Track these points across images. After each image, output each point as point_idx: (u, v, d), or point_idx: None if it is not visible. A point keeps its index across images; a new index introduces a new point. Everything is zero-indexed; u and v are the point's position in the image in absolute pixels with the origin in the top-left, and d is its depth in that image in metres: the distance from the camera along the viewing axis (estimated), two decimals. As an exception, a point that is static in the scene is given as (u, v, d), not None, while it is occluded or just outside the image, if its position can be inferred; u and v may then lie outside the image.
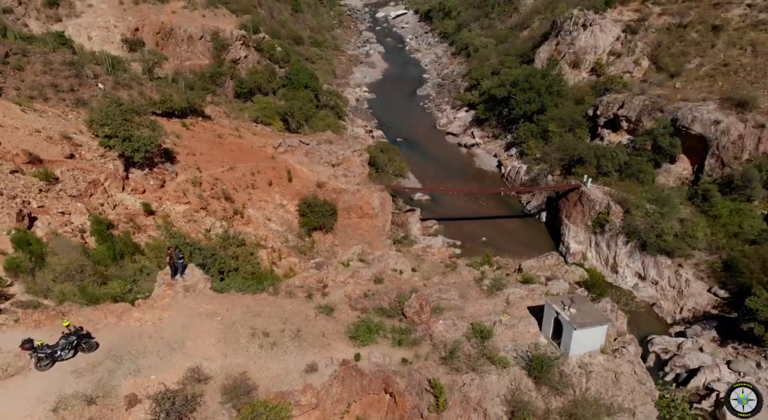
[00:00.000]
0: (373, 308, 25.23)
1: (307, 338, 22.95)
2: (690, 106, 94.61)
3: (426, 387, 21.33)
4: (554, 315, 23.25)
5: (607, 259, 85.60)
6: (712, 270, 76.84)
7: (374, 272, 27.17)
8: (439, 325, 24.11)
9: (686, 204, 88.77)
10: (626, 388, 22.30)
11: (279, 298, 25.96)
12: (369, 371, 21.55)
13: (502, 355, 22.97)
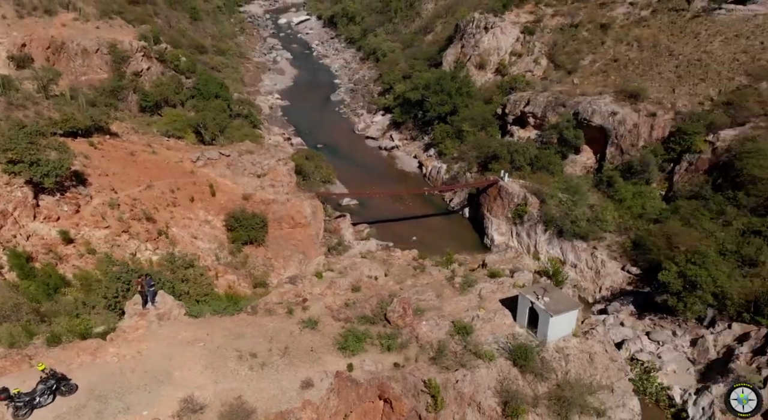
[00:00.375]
0: (356, 317, 25.38)
1: (296, 354, 22.63)
2: (589, 99, 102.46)
3: (422, 388, 21.92)
4: (529, 305, 24.72)
5: (528, 247, 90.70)
6: (623, 250, 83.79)
7: (351, 281, 27.24)
8: (423, 327, 24.77)
9: (593, 191, 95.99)
10: (601, 367, 24.24)
11: (259, 317, 25.27)
12: (363, 380, 21.73)
13: (486, 349, 24.09)
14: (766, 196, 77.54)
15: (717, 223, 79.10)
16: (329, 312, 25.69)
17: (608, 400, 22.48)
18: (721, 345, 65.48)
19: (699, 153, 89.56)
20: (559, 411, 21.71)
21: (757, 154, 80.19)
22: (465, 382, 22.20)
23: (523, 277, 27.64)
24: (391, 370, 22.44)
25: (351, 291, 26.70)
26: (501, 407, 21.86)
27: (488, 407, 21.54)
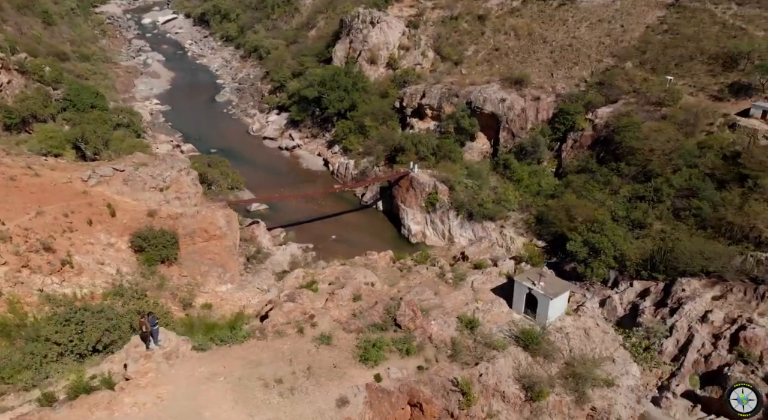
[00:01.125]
0: (367, 326, 25.25)
1: (321, 373, 22.08)
2: (479, 88, 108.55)
3: (450, 387, 22.58)
4: (526, 291, 26.29)
5: (443, 233, 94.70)
6: (527, 226, 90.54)
7: (351, 291, 26.90)
8: (433, 326, 25.35)
9: (492, 174, 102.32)
10: (598, 340, 26.60)
11: (270, 340, 24.07)
12: (394, 388, 21.86)
13: (497, 339, 25.32)
14: (643, 165, 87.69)
15: (605, 192, 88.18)
16: (339, 325, 25.37)
17: (613, 370, 24.88)
18: (627, 302, 73.47)
19: (581, 131, 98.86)
20: (574, 387, 23.58)
21: (632, 127, 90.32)
22: (488, 375, 23.33)
23: (507, 265, 29.32)
24: (416, 374, 22.86)
25: (353, 300, 26.49)
26: (523, 392, 23.26)
27: (512, 395, 22.85)
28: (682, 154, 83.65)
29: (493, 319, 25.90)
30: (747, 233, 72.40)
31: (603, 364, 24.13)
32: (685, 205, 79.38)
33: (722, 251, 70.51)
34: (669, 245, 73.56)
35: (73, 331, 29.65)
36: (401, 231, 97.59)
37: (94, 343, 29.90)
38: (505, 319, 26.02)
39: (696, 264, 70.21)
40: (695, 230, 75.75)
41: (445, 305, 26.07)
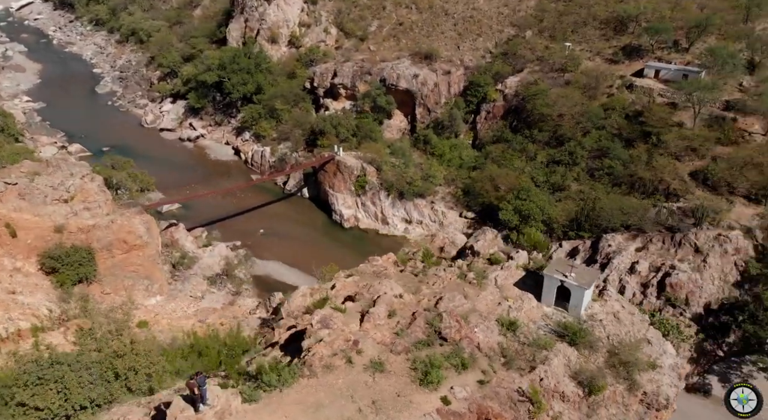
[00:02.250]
0: (413, 344, 23.80)
1: (387, 405, 20.52)
2: (390, 65, 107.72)
3: (517, 398, 22.09)
4: (557, 284, 26.33)
5: (375, 215, 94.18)
6: (456, 199, 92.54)
7: (386, 307, 24.97)
8: (478, 334, 24.49)
9: (413, 150, 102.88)
10: (628, 323, 27.36)
11: (321, 377, 21.68)
12: (464, 409, 20.91)
13: (542, 338, 25.12)
14: (554, 130, 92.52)
15: (524, 160, 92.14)
16: (385, 347, 23.68)
17: (652, 352, 25.84)
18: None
19: (493, 102, 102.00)
20: (625, 375, 24.20)
21: (540, 95, 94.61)
22: (548, 378, 23.22)
23: (522, 257, 29.15)
24: (480, 390, 22.12)
25: (389, 317, 24.81)
26: (581, 389, 23.42)
27: (571, 393, 22.96)
28: (590, 118, 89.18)
29: (527, 316, 25.86)
30: (657, 186, 79.31)
31: (641, 346, 25.18)
32: (598, 165, 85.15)
33: (638, 205, 76.72)
34: (591, 205, 78.65)
35: (53, 392, 25.20)
36: (332, 217, 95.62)
37: (82, 403, 25.86)
38: (537, 314, 26.11)
39: (617, 220, 75.82)
40: (610, 188, 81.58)
41: (478, 308, 25.50)
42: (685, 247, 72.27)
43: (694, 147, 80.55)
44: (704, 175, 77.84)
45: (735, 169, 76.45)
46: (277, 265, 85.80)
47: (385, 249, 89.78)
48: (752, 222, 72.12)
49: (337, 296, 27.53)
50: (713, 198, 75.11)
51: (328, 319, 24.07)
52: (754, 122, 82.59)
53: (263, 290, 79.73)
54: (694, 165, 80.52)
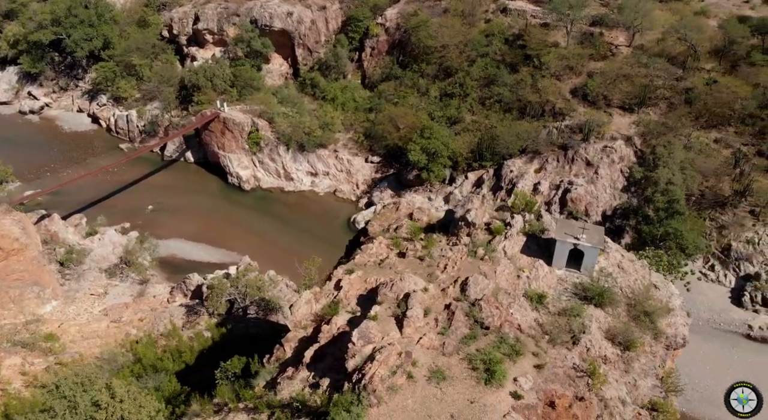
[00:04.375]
0: (460, 341, 22.33)
1: (467, 415, 19.17)
2: (260, 3, 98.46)
3: (575, 374, 22.00)
4: (570, 247, 26.21)
5: (277, 171, 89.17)
6: (359, 144, 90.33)
7: (421, 307, 22.72)
8: (516, 316, 23.70)
9: (302, 96, 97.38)
10: (631, 271, 28.17)
11: (390, 401, 19.30)
12: (535, 400, 20.35)
13: (571, 305, 25.06)
14: (440, 62, 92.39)
15: (417, 96, 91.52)
16: (436, 352, 22.00)
17: (662, 296, 27.17)
18: (467, 193, 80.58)
19: (376, 36, 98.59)
20: (649, 325, 25.28)
21: (423, 26, 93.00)
22: (594, 347, 23.54)
23: (518, 221, 28.41)
24: (539, 375, 21.70)
25: (423, 317, 22.97)
26: (619, 348, 24.16)
27: (611, 355, 23.57)
28: (473, 46, 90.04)
29: (546, 284, 25.80)
30: (544, 108, 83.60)
31: (651, 290, 26.49)
32: (487, 94, 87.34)
33: (530, 129, 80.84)
34: (489, 134, 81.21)
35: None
36: (229, 180, 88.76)
37: None
38: (553, 279, 26.15)
39: (514, 146, 79.50)
40: (503, 115, 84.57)
41: (501, 286, 24.85)
42: (578, 162, 78.27)
43: (572, 65, 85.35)
44: (583, 92, 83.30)
45: (609, 83, 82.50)
46: (181, 243, 78.86)
47: (294, 206, 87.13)
48: (630, 130, 79.43)
49: (347, 298, 25.28)
50: (594, 112, 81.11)
51: (367, 332, 21.97)
52: (618, 35, 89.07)
53: (172, 273, 73.39)
54: (573, 82, 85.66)
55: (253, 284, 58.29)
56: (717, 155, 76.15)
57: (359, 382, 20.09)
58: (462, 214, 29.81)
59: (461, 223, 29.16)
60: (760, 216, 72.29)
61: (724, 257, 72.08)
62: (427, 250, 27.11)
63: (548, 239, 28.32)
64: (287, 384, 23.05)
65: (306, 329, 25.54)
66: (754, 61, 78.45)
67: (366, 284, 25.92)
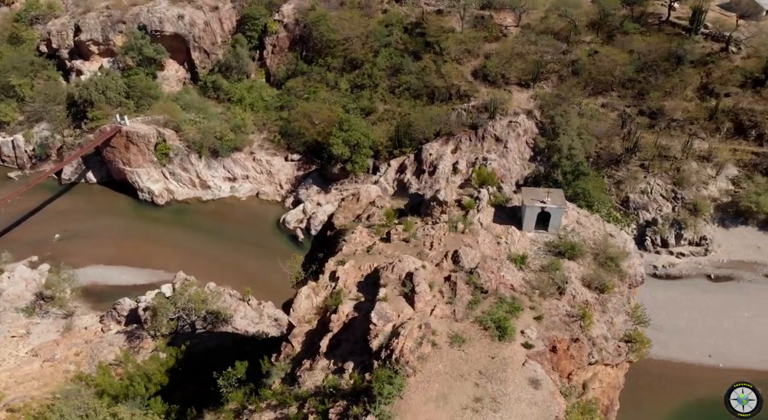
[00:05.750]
0: (467, 306, 23.60)
1: (493, 370, 20.36)
2: (146, 8, 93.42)
3: (568, 320, 24.28)
4: (538, 210, 28.40)
5: (192, 181, 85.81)
6: (276, 143, 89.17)
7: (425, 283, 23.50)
8: (507, 278, 25.46)
9: (206, 100, 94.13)
10: (588, 225, 30.99)
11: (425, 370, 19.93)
12: (542, 346, 22.34)
13: (548, 261, 27.24)
14: (345, 55, 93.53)
15: (327, 90, 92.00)
16: (450, 319, 23.26)
17: (618, 242, 30.29)
18: (392, 180, 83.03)
19: (275, 33, 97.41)
20: (614, 269, 28.26)
21: (323, 20, 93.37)
22: (577, 294, 26.02)
23: (485, 196, 30.18)
24: (540, 325, 23.78)
25: (431, 289, 24.13)
26: (595, 292, 26.86)
27: (591, 299, 26.26)
28: (376, 37, 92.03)
29: (522, 246, 28.05)
30: (450, 91, 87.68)
31: (609, 241, 29.62)
32: (396, 82, 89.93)
33: (441, 112, 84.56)
34: (404, 121, 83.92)
35: None
36: (140, 197, 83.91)
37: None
38: (526, 242, 28.45)
39: (429, 130, 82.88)
40: (414, 102, 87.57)
41: (486, 253, 26.65)
42: (488, 139, 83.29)
43: (469, 49, 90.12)
44: (483, 73, 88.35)
45: (505, 62, 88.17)
46: (100, 269, 73.98)
47: (217, 215, 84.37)
48: (530, 104, 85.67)
49: (347, 286, 25.86)
50: (496, 91, 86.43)
51: (383, 312, 22.89)
52: (506, 17, 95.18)
53: (97, 301, 69.09)
54: (472, 65, 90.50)
55: (196, 299, 56.45)
56: (606, 119, 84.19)
57: (389, 357, 21.12)
58: (432, 194, 31.54)
59: (433, 203, 30.83)
60: (650, 168, 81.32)
61: (624, 209, 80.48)
62: (409, 231, 28.45)
63: (513, 207, 30.81)
64: (308, 375, 23.50)
65: (311, 323, 25.93)
66: (627, 30, 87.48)
67: (361, 271, 26.77)
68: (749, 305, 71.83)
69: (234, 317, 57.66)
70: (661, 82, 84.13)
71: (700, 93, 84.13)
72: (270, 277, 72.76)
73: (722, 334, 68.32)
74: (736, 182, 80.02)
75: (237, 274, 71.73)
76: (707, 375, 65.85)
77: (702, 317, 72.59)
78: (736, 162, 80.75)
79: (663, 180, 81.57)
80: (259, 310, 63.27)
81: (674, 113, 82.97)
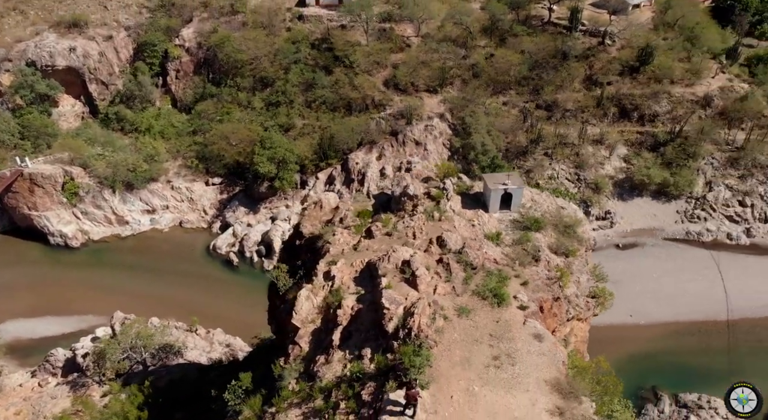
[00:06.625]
0: (463, 282, 25.12)
1: (502, 331, 22.09)
2: (33, 43, 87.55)
3: (549, 282, 26.84)
4: (501, 192, 30.84)
5: (107, 218, 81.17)
6: (194, 169, 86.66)
7: (423, 266, 24.54)
8: (490, 254, 27.43)
9: (110, 133, 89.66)
10: (541, 201, 33.83)
11: (443, 340, 20.93)
12: (534, 306, 24.57)
13: (520, 236, 29.61)
14: (254, 74, 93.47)
15: (241, 110, 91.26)
16: (451, 295, 24.65)
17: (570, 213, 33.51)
18: (321, 191, 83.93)
19: (178, 58, 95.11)
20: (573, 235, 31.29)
21: (227, 42, 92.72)
22: (550, 259, 28.68)
23: (450, 185, 32.16)
24: (528, 288, 26.03)
25: (427, 270, 25.46)
26: (562, 257, 29.79)
27: (561, 262, 29.18)
28: (284, 55, 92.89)
29: (492, 226, 30.51)
30: (366, 102, 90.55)
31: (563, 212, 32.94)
32: (311, 97, 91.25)
33: (360, 122, 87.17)
34: (327, 134, 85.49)
35: None
36: (51, 242, 77.92)
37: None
38: (494, 222, 30.96)
39: (352, 140, 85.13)
40: (332, 114, 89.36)
41: (465, 236, 28.69)
42: (409, 144, 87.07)
43: (378, 60, 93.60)
44: (394, 82, 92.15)
45: (412, 71, 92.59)
46: (20, 323, 68.21)
47: (140, 250, 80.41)
48: (441, 108, 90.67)
49: (344, 282, 26.71)
50: (408, 98, 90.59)
51: (393, 297, 24.16)
52: (407, 28, 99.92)
53: (24, 357, 63.79)
54: (382, 75, 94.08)
55: (144, 335, 53.94)
56: (509, 115, 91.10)
57: (408, 335, 22.62)
58: (402, 190, 33.44)
59: (404, 198, 32.68)
60: (553, 156, 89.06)
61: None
62: (388, 226, 30.03)
63: (476, 193, 33.57)
64: (327, 369, 24.27)
65: (314, 322, 26.60)
66: (516, 32, 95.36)
67: (353, 267, 27.88)
68: (655, 267, 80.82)
69: (189, 347, 55.77)
70: (552, 77, 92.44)
71: (586, 84, 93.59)
72: (212, 305, 71.08)
73: (638, 295, 75.99)
74: (627, 160, 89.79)
75: (175, 307, 69.00)
76: (631, 333, 73.33)
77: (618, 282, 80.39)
78: (624, 142, 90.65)
79: (566, 165, 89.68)
80: (208, 338, 61.45)
81: (567, 104, 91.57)
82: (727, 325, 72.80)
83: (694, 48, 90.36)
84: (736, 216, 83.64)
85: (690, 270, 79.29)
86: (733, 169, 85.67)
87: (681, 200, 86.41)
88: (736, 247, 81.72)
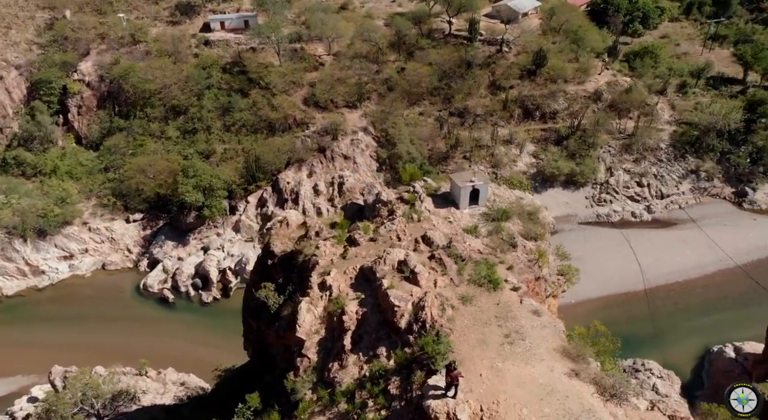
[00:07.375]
0: (458, 273, 26.17)
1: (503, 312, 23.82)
2: None
3: (530, 264, 28.78)
4: (470, 190, 32.48)
5: (20, 270, 74.35)
6: (113, 207, 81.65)
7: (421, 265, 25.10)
8: (473, 245, 28.75)
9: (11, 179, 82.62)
10: (502, 193, 35.95)
11: (456, 326, 21.53)
12: (524, 286, 26.27)
13: (493, 227, 31.38)
14: (164, 103, 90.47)
15: (154, 141, 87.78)
16: (451, 286, 25.51)
17: (528, 202, 35.87)
18: (254, 215, 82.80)
19: (79, 94, 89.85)
20: (537, 221, 33.67)
21: (132, 72, 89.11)
22: (524, 244, 30.66)
23: (420, 188, 33.26)
24: (514, 272, 27.82)
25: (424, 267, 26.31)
26: (532, 241, 32.03)
27: (533, 246, 31.41)
28: (195, 81, 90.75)
29: (466, 221, 32.22)
30: (288, 122, 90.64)
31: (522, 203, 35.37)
32: (230, 121, 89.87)
33: (286, 142, 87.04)
34: (251, 157, 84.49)
35: None
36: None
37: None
38: (466, 217, 32.76)
39: (280, 160, 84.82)
40: (254, 136, 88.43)
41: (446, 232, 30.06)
42: (338, 159, 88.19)
43: (293, 80, 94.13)
44: (314, 101, 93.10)
45: (329, 88, 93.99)
46: (-67, 399, 60.34)
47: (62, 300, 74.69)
48: (363, 122, 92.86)
49: (342, 290, 26.99)
50: (329, 115, 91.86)
51: (400, 296, 24.97)
52: (317, 47, 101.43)
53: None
54: (300, 94, 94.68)
55: (94, 385, 50.25)
56: (426, 124, 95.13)
57: (423, 327, 23.73)
58: (375, 198, 34.45)
59: (378, 205, 33.67)
60: (471, 158, 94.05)
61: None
62: (369, 233, 30.87)
63: (443, 193, 35.59)
64: (343, 373, 24.65)
65: (319, 332, 26.76)
66: (422, 46, 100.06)
67: (347, 274, 28.43)
68: (575, 249, 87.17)
69: (141, 394, 52.61)
70: (460, 86, 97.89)
71: (491, 89, 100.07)
72: (155, 346, 67.40)
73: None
74: (536, 155, 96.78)
75: (116, 353, 64.68)
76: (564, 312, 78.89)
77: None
78: (531, 139, 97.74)
79: (484, 165, 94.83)
80: (160, 379, 58.32)
81: (477, 109, 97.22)
82: (645, 293, 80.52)
83: (580, 49, 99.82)
84: (636, 196, 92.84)
85: (606, 249, 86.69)
86: (628, 154, 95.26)
87: (588, 187, 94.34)
88: (641, 223, 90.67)
